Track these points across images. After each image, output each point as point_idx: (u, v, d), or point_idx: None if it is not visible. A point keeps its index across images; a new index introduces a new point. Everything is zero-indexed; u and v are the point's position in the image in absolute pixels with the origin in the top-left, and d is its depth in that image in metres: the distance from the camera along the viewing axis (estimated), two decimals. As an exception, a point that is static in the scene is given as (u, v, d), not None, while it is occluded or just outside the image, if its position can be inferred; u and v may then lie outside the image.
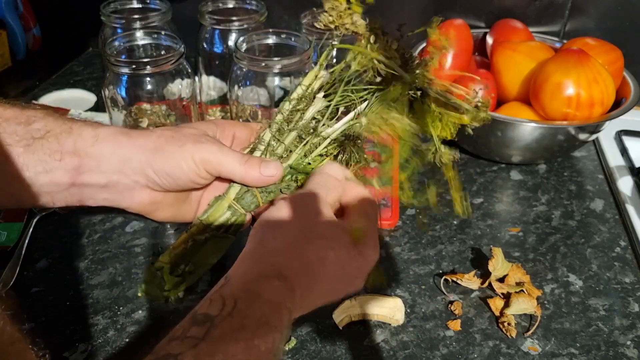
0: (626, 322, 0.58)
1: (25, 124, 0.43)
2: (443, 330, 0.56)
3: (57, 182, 0.44)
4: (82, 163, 0.44)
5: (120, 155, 0.45)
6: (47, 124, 0.44)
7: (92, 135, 0.45)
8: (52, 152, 0.44)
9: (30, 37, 0.99)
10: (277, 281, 0.39)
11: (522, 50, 0.80)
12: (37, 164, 0.43)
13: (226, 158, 0.46)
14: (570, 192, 0.76)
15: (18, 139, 0.43)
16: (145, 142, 0.46)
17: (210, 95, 0.84)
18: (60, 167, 0.44)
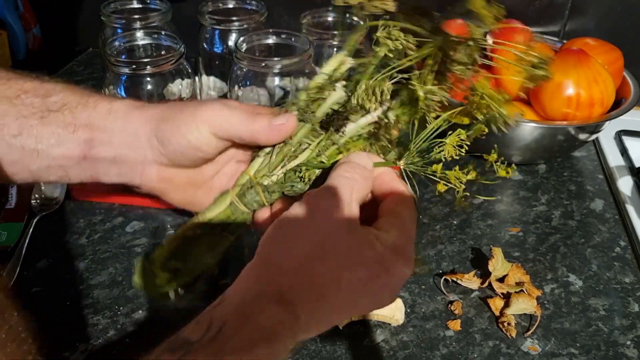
0: (626, 322, 0.58)
1: (43, 97, 0.43)
2: (443, 330, 0.56)
3: (70, 155, 0.44)
4: (94, 136, 0.44)
5: (130, 128, 0.44)
6: (65, 97, 0.44)
7: (106, 109, 0.44)
8: (66, 125, 0.43)
9: (31, 37, 0.99)
10: (277, 306, 0.34)
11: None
12: (50, 137, 0.43)
13: (230, 113, 0.42)
14: (570, 192, 0.76)
15: (34, 111, 0.42)
16: (154, 112, 0.44)
17: (211, 96, 0.84)
18: (72, 140, 0.43)
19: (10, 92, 0.43)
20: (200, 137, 0.43)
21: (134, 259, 0.63)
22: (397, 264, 0.38)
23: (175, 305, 0.57)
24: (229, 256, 0.64)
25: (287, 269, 0.36)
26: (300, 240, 0.37)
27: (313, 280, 0.36)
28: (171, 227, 0.67)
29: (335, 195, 0.38)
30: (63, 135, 0.43)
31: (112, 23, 0.77)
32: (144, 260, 0.46)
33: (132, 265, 0.62)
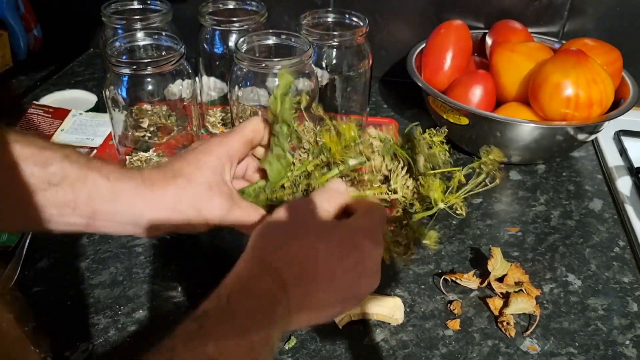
0: (625, 321, 0.58)
1: (42, 166, 0.44)
2: (442, 330, 0.56)
3: (73, 223, 0.46)
4: (97, 213, 0.46)
5: (135, 211, 0.47)
6: (64, 168, 0.45)
7: (108, 191, 0.46)
8: (67, 201, 0.45)
9: (31, 37, 1.00)
10: (267, 276, 0.40)
11: (521, 50, 0.80)
12: (53, 209, 0.44)
13: (237, 220, 0.49)
14: (569, 192, 0.77)
15: (35, 182, 0.44)
16: (161, 198, 0.47)
17: (211, 96, 0.84)
18: (75, 215, 0.45)
19: (8, 159, 0.43)
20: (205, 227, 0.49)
21: (134, 258, 0.63)
22: (366, 242, 0.44)
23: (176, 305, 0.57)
24: (229, 257, 0.65)
25: (271, 248, 0.43)
26: (280, 227, 0.44)
27: (293, 254, 0.42)
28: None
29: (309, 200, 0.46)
30: (65, 211, 0.45)
31: (112, 24, 0.77)
32: None
33: (133, 265, 0.62)
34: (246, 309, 0.38)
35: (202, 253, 0.64)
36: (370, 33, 0.79)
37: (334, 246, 0.43)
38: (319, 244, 0.42)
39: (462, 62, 0.84)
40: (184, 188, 0.47)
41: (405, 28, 0.98)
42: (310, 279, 0.42)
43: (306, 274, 0.42)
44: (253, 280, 0.40)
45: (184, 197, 0.47)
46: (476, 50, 0.92)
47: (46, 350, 0.32)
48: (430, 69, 0.84)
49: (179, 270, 0.62)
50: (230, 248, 0.65)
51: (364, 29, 0.77)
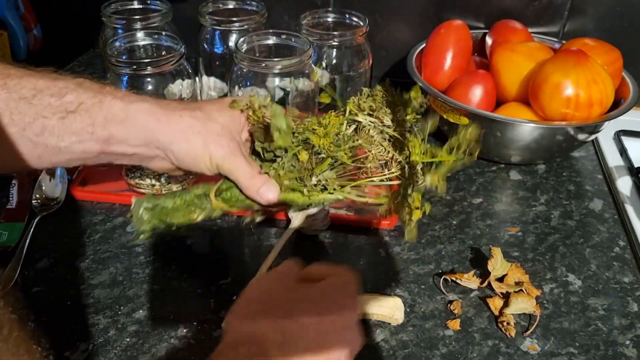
0: (625, 321, 0.58)
1: (58, 96, 0.46)
2: (442, 330, 0.56)
3: (89, 150, 0.47)
4: (112, 135, 0.47)
5: (147, 134, 0.48)
6: (79, 96, 0.46)
7: (122, 110, 0.47)
8: (85, 125, 0.46)
9: (31, 37, 1.00)
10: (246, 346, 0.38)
11: (521, 50, 0.80)
12: (71, 136, 0.46)
13: (237, 169, 0.50)
14: (569, 192, 0.77)
15: (53, 112, 0.45)
16: (174, 127, 0.49)
17: (211, 96, 0.84)
18: (92, 139, 0.47)
19: (25, 91, 0.45)
20: (210, 168, 0.50)
21: (134, 258, 0.63)
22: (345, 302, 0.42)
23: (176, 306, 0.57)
24: (229, 256, 0.65)
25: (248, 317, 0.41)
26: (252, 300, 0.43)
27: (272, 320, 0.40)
28: (171, 227, 0.67)
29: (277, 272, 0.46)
30: (82, 135, 0.46)
31: (112, 24, 0.77)
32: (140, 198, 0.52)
33: (133, 265, 0.62)
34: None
35: (202, 253, 0.64)
36: (370, 33, 0.80)
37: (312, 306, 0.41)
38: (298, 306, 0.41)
39: (462, 62, 0.84)
40: (199, 119, 0.49)
41: (406, 28, 0.97)
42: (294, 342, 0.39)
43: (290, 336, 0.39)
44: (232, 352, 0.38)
45: (196, 126, 0.48)
46: (476, 50, 0.92)
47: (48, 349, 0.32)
48: (431, 68, 0.84)
49: (179, 270, 0.62)
50: (230, 248, 0.65)
51: (364, 28, 0.77)
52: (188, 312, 0.57)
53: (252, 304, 0.43)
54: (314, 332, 0.40)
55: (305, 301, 0.41)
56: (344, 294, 0.43)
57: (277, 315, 0.40)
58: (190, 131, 0.49)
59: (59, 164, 0.48)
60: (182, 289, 0.59)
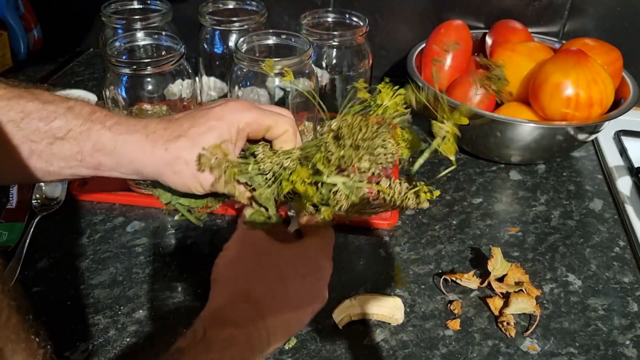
0: (625, 321, 0.58)
1: (47, 121, 0.45)
2: (442, 330, 0.56)
3: (80, 174, 0.48)
4: (101, 163, 0.47)
5: (136, 165, 0.48)
6: (68, 122, 0.46)
7: (110, 141, 0.47)
8: (73, 153, 0.46)
9: (31, 37, 1.00)
10: (243, 303, 0.41)
11: (522, 50, 0.80)
12: (60, 161, 0.46)
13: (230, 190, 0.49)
14: (570, 192, 0.77)
15: (41, 137, 0.45)
16: (161, 160, 0.47)
17: (211, 96, 0.84)
18: (81, 165, 0.47)
19: (13, 114, 0.45)
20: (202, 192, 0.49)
21: (134, 258, 0.63)
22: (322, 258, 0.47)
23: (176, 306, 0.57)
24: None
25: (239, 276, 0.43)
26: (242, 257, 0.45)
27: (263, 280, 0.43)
28: (171, 226, 0.67)
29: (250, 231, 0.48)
30: (71, 162, 0.47)
31: (112, 23, 0.77)
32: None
33: (133, 265, 0.62)
34: (223, 340, 0.38)
35: (202, 253, 0.64)
36: (371, 33, 0.80)
37: (297, 266, 0.45)
38: (285, 267, 0.44)
39: (462, 62, 0.84)
40: (184, 150, 0.47)
41: (406, 28, 0.97)
42: (281, 302, 0.43)
43: (278, 297, 0.43)
44: (228, 311, 0.41)
45: (183, 159, 0.47)
46: (476, 50, 0.92)
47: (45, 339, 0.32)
48: (431, 68, 0.84)
49: (179, 270, 0.62)
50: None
51: (364, 28, 0.77)
52: (188, 312, 0.57)
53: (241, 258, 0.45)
54: (297, 290, 0.44)
55: (290, 261, 0.45)
56: (323, 255, 0.48)
57: (267, 274, 0.44)
58: (176, 163, 0.47)
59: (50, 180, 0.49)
60: (182, 289, 0.59)
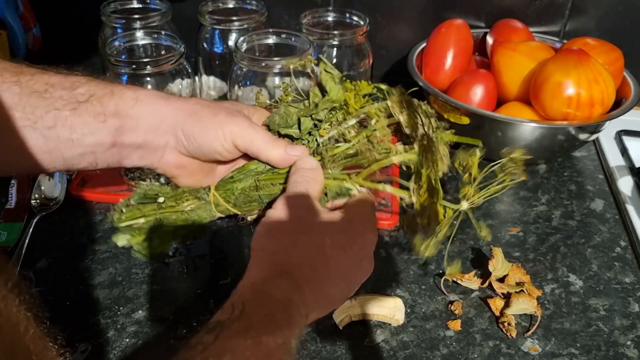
0: (626, 322, 0.58)
1: (70, 89, 0.46)
2: (443, 330, 0.56)
3: (101, 142, 0.47)
4: (123, 124, 0.47)
5: (156, 116, 0.48)
6: (90, 88, 0.46)
7: (132, 97, 0.47)
8: (96, 115, 0.46)
9: (31, 37, 0.99)
10: (282, 279, 0.40)
11: (522, 50, 0.80)
12: (84, 126, 0.46)
13: (255, 134, 0.48)
14: (571, 192, 0.76)
15: (64, 103, 0.45)
16: (182, 105, 0.48)
17: (211, 95, 0.84)
18: (103, 129, 0.46)
19: (38, 86, 0.45)
20: (224, 145, 0.48)
21: (134, 259, 0.62)
22: (364, 229, 0.45)
23: (176, 306, 0.57)
24: (229, 256, 0.64)
25: (280, 250, 0.43)
26: (284, 227, 0.44)
27: (303, 253, 0.43)
28: (171, 227, 0.67)
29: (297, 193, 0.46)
30: (94, 125, 0.46)
31: (112, 23, 0.77)
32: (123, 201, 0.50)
33: (132, 265, 0.62)
34: (262, 316, 0.38)
35: (202, 253, 0.64)
36: (371, 32, 0.79)
37: (338, 238, 0.44)
38: (325, 239, 0.43)
39: (463, 62, 0.84)
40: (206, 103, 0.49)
41: (406, 27, 0.97)
42: (322, 276, 0.43)
43: (318, 271, 0.42)
44: (268, 286, 0.40)
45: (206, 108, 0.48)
46: (477, 50, 0.91)
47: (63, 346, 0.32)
48: (431, 68, 0.84)
49: (179, 270, 0.61)
50: (230, 248, 0.65)
51: (365, 28, 0.77)
52: (188, 312, 0.57)
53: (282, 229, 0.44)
54: (338, 264, 0.43)
55: (332, 233, 0.44)
56: (365, 224, 0.46)
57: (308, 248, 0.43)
58: (200, 108, 0.48)
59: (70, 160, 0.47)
60: (182, 289, 0.59)
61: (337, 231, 0.44)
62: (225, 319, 0.37)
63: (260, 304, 0.39)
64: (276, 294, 0.39)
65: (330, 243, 0.43)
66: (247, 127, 0.48)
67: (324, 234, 0.44)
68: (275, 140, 0.49)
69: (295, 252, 0.43)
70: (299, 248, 0.43)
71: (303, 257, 0.42)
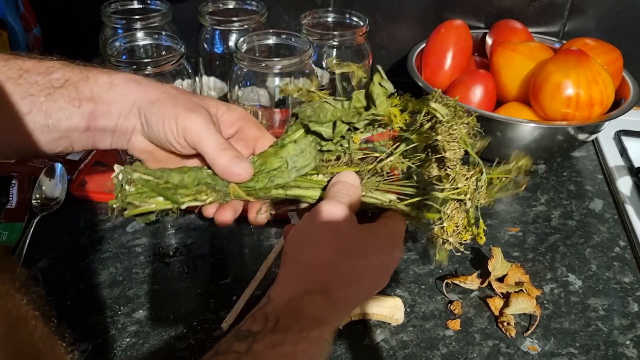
0: (625, 321, 0.58)
1: (45, 74, 0.46)
2: (443, 330, 0.56)
3: (76, 126, 0.47)
4: (97, 108, 0.47)
5: (127, 100, 0.48)
6: (65, 74, 0.47)
7: (107, 82, 0.47)
8: (71, 100, 0.46)
9: (31, 37, 0.99)
10: (320, 297, 0.41)
11: (522, 50, 0.80)
12: (59, 111, 0.46)
13: (207, 136, 0.46)
14: (570, 192, 0.77)
15: (40, 89, 0.45)
16: (151, 91, 0.48)
17: (211, 96, 0.84)
18: (78, 113, 0.46)
19: (12, 72, 0.45)
20: (177, 138, 0.47)
21: (134, 258, 0.63)
22: (395, 250, 0.47)
23: (176, 306, 0.57)
24: (229, 256, 0.65)
25: (322, 267, 0.43)
26: (325, 242, 0.44)
27: (341, 272, 0.43)
28: (171, 226, 0.67)
29: (338, 204, 0.46)
30: (69, 110, 0.46)
31: (112, 23, 0.77)
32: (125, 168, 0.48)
33: (132, 265, 0.62)
34: (297, 332, 0.38)
35: (202, 253, 0.64)
36: (371, 33, 0.79)
37: (372, 260, 0.45)
38: (362, 262, 0.44)
39: (462, 62, 0.84)
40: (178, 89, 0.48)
41: (406, 28, 0.97)
42: (352, 295, 0.44)
43: (351, 290, 0.43)
44: (305, 303, 0.40)
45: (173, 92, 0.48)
46: (476, 50, 0.91)
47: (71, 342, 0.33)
48: (431, 68, 0.84)
49: (179, 270, 0.62)
50: (230, 248, 0.65)
51: (364, 28, 0.77)
52: (188, 312, 0.57)
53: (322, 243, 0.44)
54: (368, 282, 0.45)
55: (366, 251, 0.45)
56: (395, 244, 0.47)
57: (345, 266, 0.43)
58: (166, 97, 0.47)
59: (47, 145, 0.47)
60: (182, 289, 0.59)
61: (372, 254, 0.45)
62: (259, 330, 0.38)
63: (295, 320, 0.39)
64: (312, 312, 0.40)
65: (365, 264, 0.44)
66: (201, 125, 0.46)
67: (361, 257, 0.44)
68: (224, 150, 0.47)
69: (335, 272, 0.43)
70: (339, 269, 0.43)
71: (342, 278, 0.43)
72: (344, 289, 0.43)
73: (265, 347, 0.36)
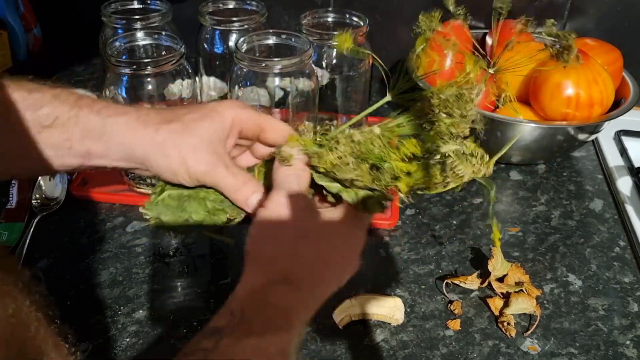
0: (625, 321, 0.58)
1: (33, 109, 0.44)
2: (443, 330, 0.56)
3: (69, 164, 0.46)
4: (90, 151, 0.46)
5: (125, 148, 0.47)
6: (54, 110, 0.45)
7: (99, 124, 0.46)
8: (62, 140, 0.45)
9: (31, 37, 0.99)
10: (283, 286, 0.40)
11: (522, 50, 0.80)
12: (49, 150, 0.45)
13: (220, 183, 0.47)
14: (570, 192, 0.77)
15: (28, 126, 0.44)
16: (151, 137, 0.46)
17: (211, 96, 0.84)
18: (70, 154, 0.46)
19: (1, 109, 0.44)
20: (188, 181, 0.47)
21: (134, 258, 0.63)
22: (357, 229, 0.46)
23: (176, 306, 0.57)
24: (229, 256, 0.65)
25: (282, 255, 0.42)
26: (281, 232, 0.43)
27: (303, 257, 0.42)
28: (171, 227, 0.67)
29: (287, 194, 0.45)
30: (61, 150, 0.45)
31: (112, 23, 0.77)
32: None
33: (133, 265, 0.62)
34: (262, 323, 0.38)
35: (202, 253, 0.64)
36: (371, 33, 0.79)
37: (335, 241, 0.44)
38: (324, 243, 0.43)
39: (462, 62, 0.84)
40: (176, 133, 0.46)
41: (406, 28, 0.97)
42: (320, 279, 0.43)
43: (316, 275, 0.43)
44: (268, 292, 0.40)
45: (173, 142, 0.46)
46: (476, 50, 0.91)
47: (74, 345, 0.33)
48: (431, 68, 0.84)
49: (179, 270, 0.62)
50: (230, 248, 0.65)
51: (364, 28, 0.77)
52: (188, 312, 0.57)
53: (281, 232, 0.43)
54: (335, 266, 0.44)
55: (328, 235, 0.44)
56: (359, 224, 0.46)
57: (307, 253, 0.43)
58: (166, 145, 0.46)
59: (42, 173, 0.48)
60: (182, 289, 0.59)
61: (335, 235, 0.44)
62: (224, 325, 0.37)
63: (260, 311, 0.38)
64: (276, 301, 0.39)
65: (328, 247, 0.43)
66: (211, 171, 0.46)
67: (322, 238, 0.44)
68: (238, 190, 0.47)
69: (295, 258, 0.42)
70: (299, 253, 0.42)
71: (303, 262, 0.42)
72: (309, 274, 0.42)
73: (231, 341, 0.36)
